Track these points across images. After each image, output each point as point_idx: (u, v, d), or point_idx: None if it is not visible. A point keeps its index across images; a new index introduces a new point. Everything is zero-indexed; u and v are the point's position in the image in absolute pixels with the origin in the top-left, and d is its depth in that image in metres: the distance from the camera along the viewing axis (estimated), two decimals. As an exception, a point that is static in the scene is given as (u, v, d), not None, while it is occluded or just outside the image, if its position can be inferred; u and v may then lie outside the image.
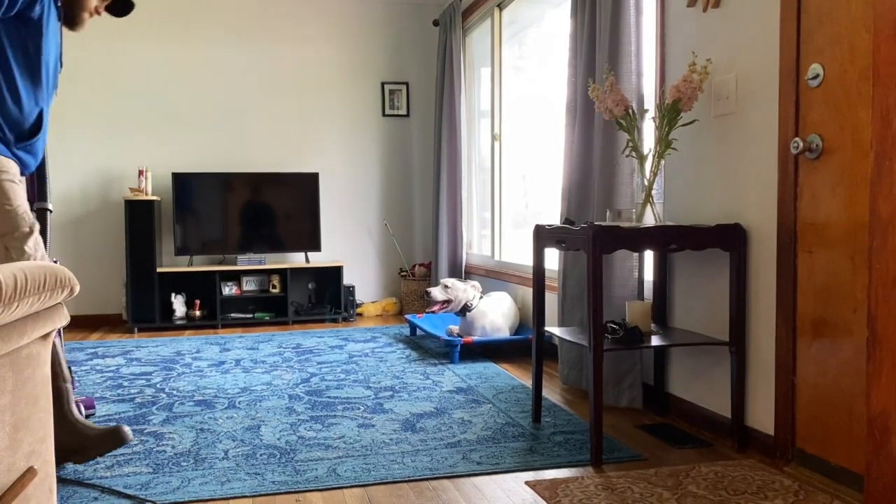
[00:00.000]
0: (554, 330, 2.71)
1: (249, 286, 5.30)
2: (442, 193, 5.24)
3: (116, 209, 5.24)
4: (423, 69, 5.81)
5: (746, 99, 2.40)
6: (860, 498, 1.96)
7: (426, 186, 5.84)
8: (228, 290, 5.22)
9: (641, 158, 2.58)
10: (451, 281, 4.16)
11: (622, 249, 2.36)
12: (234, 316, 5.22)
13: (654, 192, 2.53)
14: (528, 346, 3.99)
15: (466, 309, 4.08)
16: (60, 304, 1.43)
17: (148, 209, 4.92)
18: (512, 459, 2.30)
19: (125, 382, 3.41)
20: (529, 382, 3.32)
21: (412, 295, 5.57)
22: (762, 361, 2.36)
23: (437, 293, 4.10)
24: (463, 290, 4.11)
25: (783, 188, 2.23)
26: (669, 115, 2.48)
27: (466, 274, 5.13)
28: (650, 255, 2.91)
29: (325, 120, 5.65)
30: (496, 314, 4.06)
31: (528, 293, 4.15)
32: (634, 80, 2.86)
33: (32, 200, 2.72)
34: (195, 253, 5.23)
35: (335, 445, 2.45)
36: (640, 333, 2.45)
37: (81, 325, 5.18)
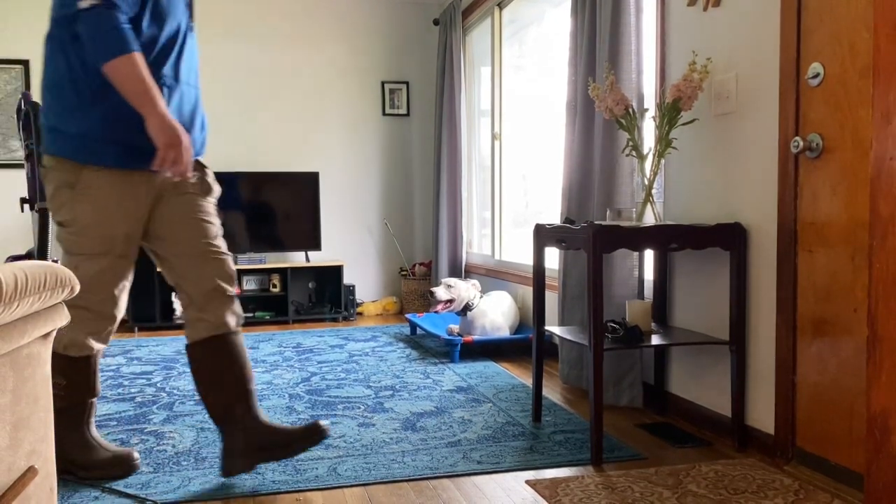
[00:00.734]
0: (554, 329, 2.71)
1: (250, 285, 5.30)
2: (442, 193, 5.24)
3: (117, 208, 5.24)
4: (423, 68, 5.81)
5: (747, 98, 2.40)
6: (860, 497, 1.96)
7: (426, 186, 5.84)
8: (229, 289, 5.21)
9: (641, 158, 2.58)
10: (453, 280, 4.16)
11: (622, 249, 2.36)
12: (234, 315, 5.22)
13: (654, 191, 2.53)
14: (528, 345, 3.99)
15: (467, 308, 4.08)
16: (61, 303, 1.43)
17: (148, 208, 4.91)
18: (512, 459, 2.30)
19: (126, 382, 3.41)
20: (530, 381, 3.32)
21: (412, 294, 5.57)
22: (762, 361, 2.36)
23: (440, 293, 4.10)
24: (465, 289, 4.11)
25: (783, 187, 2.23)
26: (670, 114, 2.48)
27: (466, 273, 5.13)
28: (650, 254, 2.91)
29: (325, 119, 5.65)
30: (496, 313, 4.06)
31: (528, 292, 4.16)
32: (634, 79, 2.86)
33: (34, 200, 2.72)
34: (195, 252, 5.22)
35: (335, 444, 2.45)
36: (640, 333, 2.45)
37: (82, 324, 5.17)
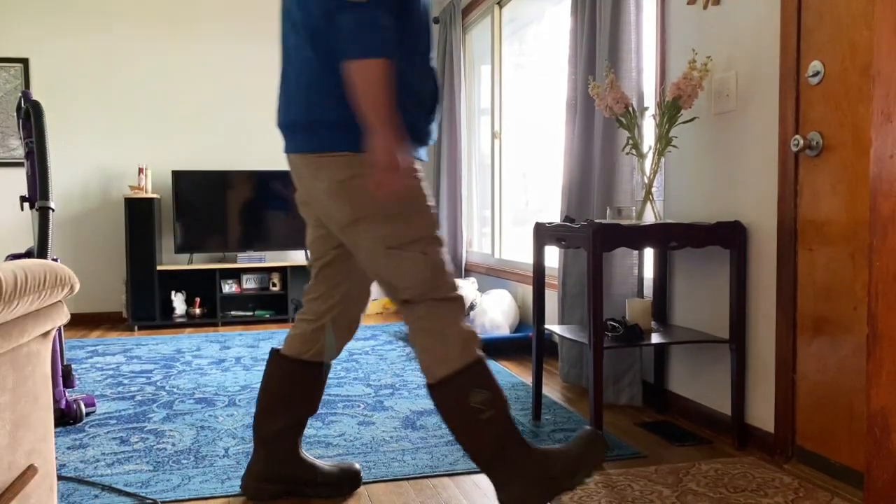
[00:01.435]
0: (554, 328, 2.71)
1: (250, 284, 5.30)
2: (442, 191, 5.24)
3: (116, 207, 5.24)
4: (423, 67, 5.79)
5: (747, 96, 2.40)
6: (860, 495, 1.96)
7: (426, 184, 5.83)
8: (228, 287, 5.22)
9: (641, 156, 2.58)
10: (460, 281, 4.15)
11: (622, 247, 2.36)
12: (234, 314, 5.23)
13: (654, 189, 2.53)
14: (528, 343, 3.99)
15: (471, 308, 4.07)
16: (60, 302, 1.43)
17: (148, 207, 4.92)
18: (512, 457, 2.30)
19: (125, 380, 3.41)
20: (529, 380, 3.32)
21: (412, 293, 5.57)
22: (762, 359, 2.36)
23: (466, 299, 4.02)
24: (468, 289, 4.10)
25: (783, 186, 2.23)
26: (670, 112, 2.48)
27: (466, 272, 5.13)
28: (650, 252, 2.91)
29: (325, 118, 5.64)
30: (496, 312, 4.06)
31: (528, 291, 4.16)
32: (634, 77, 2.86)
33: (34, 199, 2.72)
34: (195, 251, 5.23)
35: (335, 443, 2.45)
36: (639, 331, 2.45)
37: (81, 323, 5.18)
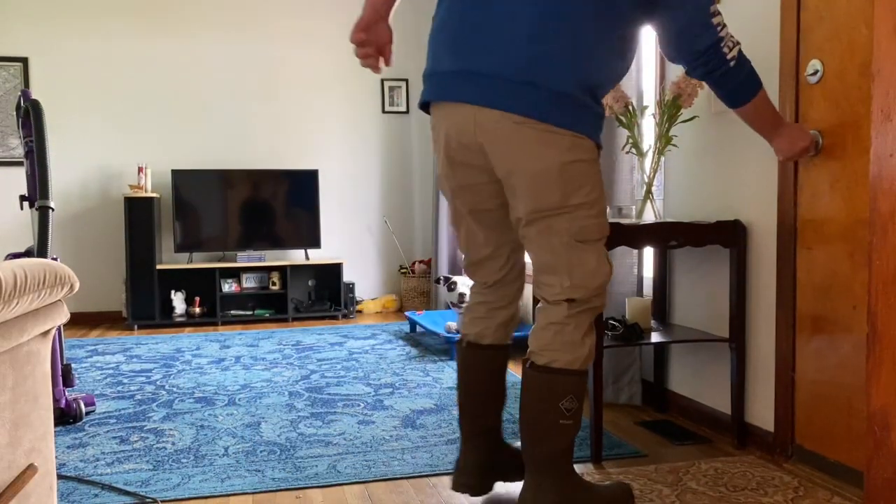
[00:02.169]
0: (554, 326, 2.70)
1: (249, 283, 5.30)
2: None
3: (116, 206, 5.24)
4: (422, 65, 5.78)
5: (746, 95, 2.39)
6: (860, 494, 1.96)
7: (426, 183, 5.84)
8: (228, 287, 5.22)
9: (641, 155, 2.58)
10: (468, 280, 4.04)
11: (622, 246, 2.36)
12: (233, 313, 5.23)
13: (654, 188, 2.53)
14: (527, 343, 3.98)
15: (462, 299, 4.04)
16: (60, 301, 1.43)
17: (147, 206, 4.92)
18: (512, 456, 2.30)
19: (125, 379, 3.41)
20: (529, 379, 3.31)
21: (412, 292, 5.57)
22: (762, 358, 2.36)
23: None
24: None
25: (783, 185, 2.23)
26: (669, 111, 2.48)
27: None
28: (650, 251, 2.90)
29: (324, 117, 5.64)
30: (496, 311, 4.05)
31: (528, 290, 4.15)
32: (634, 76, 2.86)
33: (33, 198, 2.72)
34: (195, 250, 5.23)
35: (335, 442, 2.45)
36: (639, 330, 2.45)
37: (81, 322, 5.18)
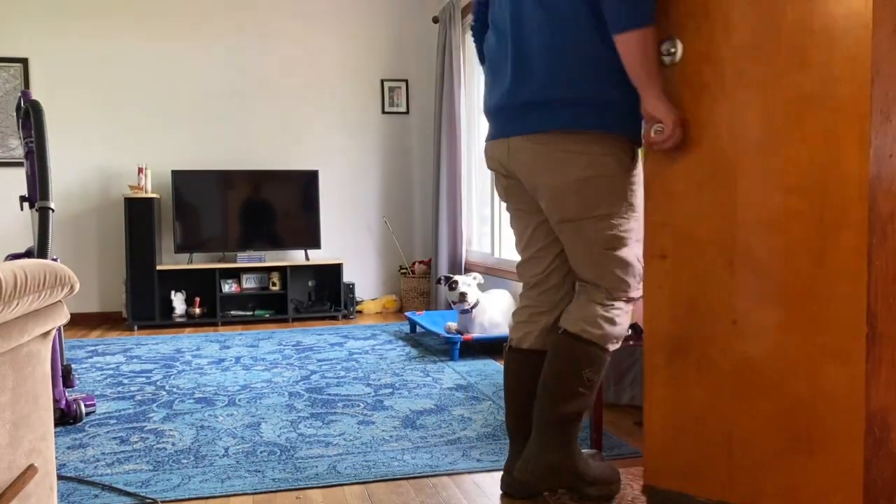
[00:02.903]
0: (554, 327, 2.70)
1: (249, 284, 5.30)
2: (442, 190, 5.24)
3: (116, 207, 5.24)
4: (422, 66, 5.80)
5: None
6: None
7: (426, 184, 5.84)
8: (228, 287, 5.22)
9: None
10: (469, 279, 4.04)
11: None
12: (234, 313, 5.23)
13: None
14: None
15: (473, 307, 4.04)
16: (60, 301, 1.43)
17: (148, 207, 4.92)
18: (512, 456, 2.30)
19: (125, 380, 3.42)
20: (529, 379, 3.31)
21: (412, 292, 5.57)
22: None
23: (472, 293, 3.94)
24: (472, 286, 4.02)
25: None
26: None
27: (466, 271, 5.13)
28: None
29: (324, 117, 5.65)
30: (495, 311, 4.06)
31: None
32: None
33: (34, 199, 2.72)
34: (195, 250, 5.23)
35: (335, 443, 2.45)
36: (640, 330, 2.45)
37: (81, 322, 5.18)
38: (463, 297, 3.92)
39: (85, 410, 2.78)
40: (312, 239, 5.39)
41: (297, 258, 5.49)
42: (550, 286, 2.00)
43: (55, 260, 2.39)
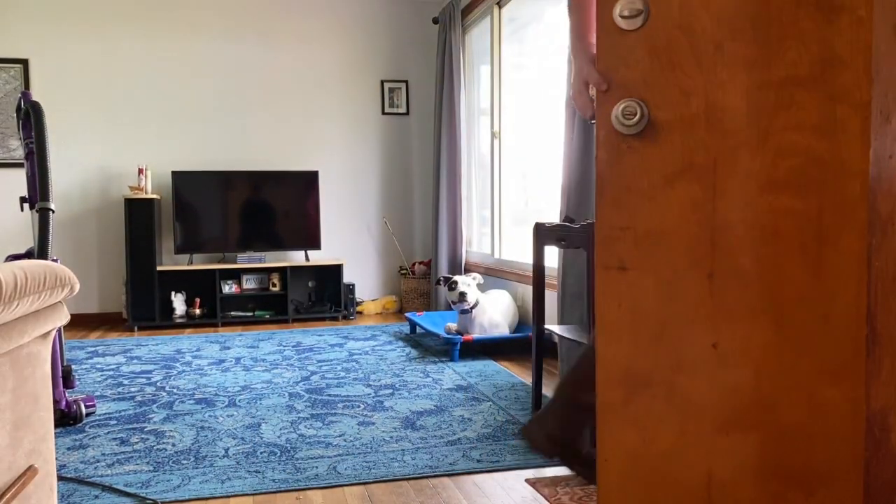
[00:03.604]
0: (554, 328, 2.71)
1: (249, 284, 5.30)
2: (441, 191, 5.24)
3: (116, 207, 5.25)
4: (422, 67, 5.80)
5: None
6: None
7: (426, 184, 5.84)
8: (228, 288, 5.22)
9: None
10: (469, 279, 4.05)
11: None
12: (234, 314, 5.23)
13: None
14: (527, 343, 3.99)
15: (473, 307, 4.04)
16: (60, 302, 1.43)
17: (148, 207, 4.92)
18: (512, 457, 2.30)
19: (125, 381, 3.42)
20: (529, 380, 3.32)
21: (412, 293, 5.57)
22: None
23: (472, 294, 3.94)
24: (471, 286, 4.03)
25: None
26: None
27: (466, 271, 5.13)
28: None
29: (324, 118, 5.65)
30: (495, 311, 4.06)
31: (527, 291, 4.15)
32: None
33: (34, 200, 2.72)
34: (195, 251, 5.23)
35: (335, 443, 2.45)
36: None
37: (81, 323, 5.18)
38: (463, 297, 3.92)
39: (85, 411, 2.78)
40: (312, 239, 5.39)
41: (297, 259, 5.50)
42: None
43: (55, 261, 2.39)
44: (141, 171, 5.04)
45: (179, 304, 5.13)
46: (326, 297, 5.45)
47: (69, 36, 5.19)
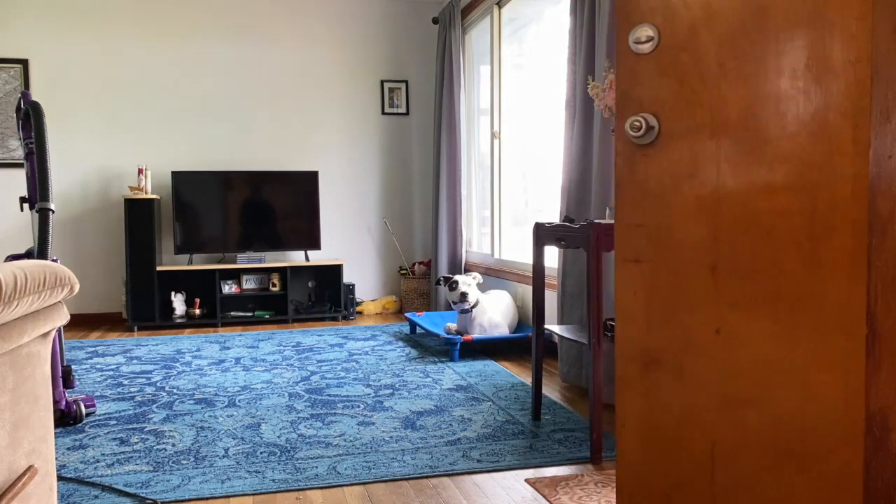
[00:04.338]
0: (553, 328, 2.71)
1: (249, 284, 5.30)
2: (441, 191, 5.24)
3: (116, 208, 5.25)
4: (422, 67, 5.80)
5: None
6: None
7: (426, 184, 5.84)
8: (228, 288, 5.22)
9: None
10: (469, 279, 4.05)
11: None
12: (233, 314, 5.23)
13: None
14: (527, 343, 3.99)
15: (473, 306, 4.04)
16: (60, 302, 1.43)
17: (148, 208, 4.92)
18: (512, 457, 2.30)
19: (125, 381, 3.42)
20: (529, 380, 3.32)
21: (412, 293, 5.57)
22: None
23: (473, 293, 3.94)
24: (472, 286, 4.03)
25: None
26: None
27: (466, 271, 5.13)
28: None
29: (324, 118, 5.65)
30: (495, 311, 4.06)
31: (527, 291, 4.16)
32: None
33: (33, 200, 2.72)
34: (195, 251, 5.23)
35: (335, 443, 2.45)
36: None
37: (81, 323, 5.18)
38: (464, 296, 3.93)
39: (85, 411, 2.78)
40: (312, 240, 5.39)
41: (297, 259, 5.49)
42: None
43: (55, 261, 2.40)
44: (141, 171, 5.04)
45: (179, 304, 5.13)
46: (326, 297, 5.45)
47: (69, 36, 5.19)
